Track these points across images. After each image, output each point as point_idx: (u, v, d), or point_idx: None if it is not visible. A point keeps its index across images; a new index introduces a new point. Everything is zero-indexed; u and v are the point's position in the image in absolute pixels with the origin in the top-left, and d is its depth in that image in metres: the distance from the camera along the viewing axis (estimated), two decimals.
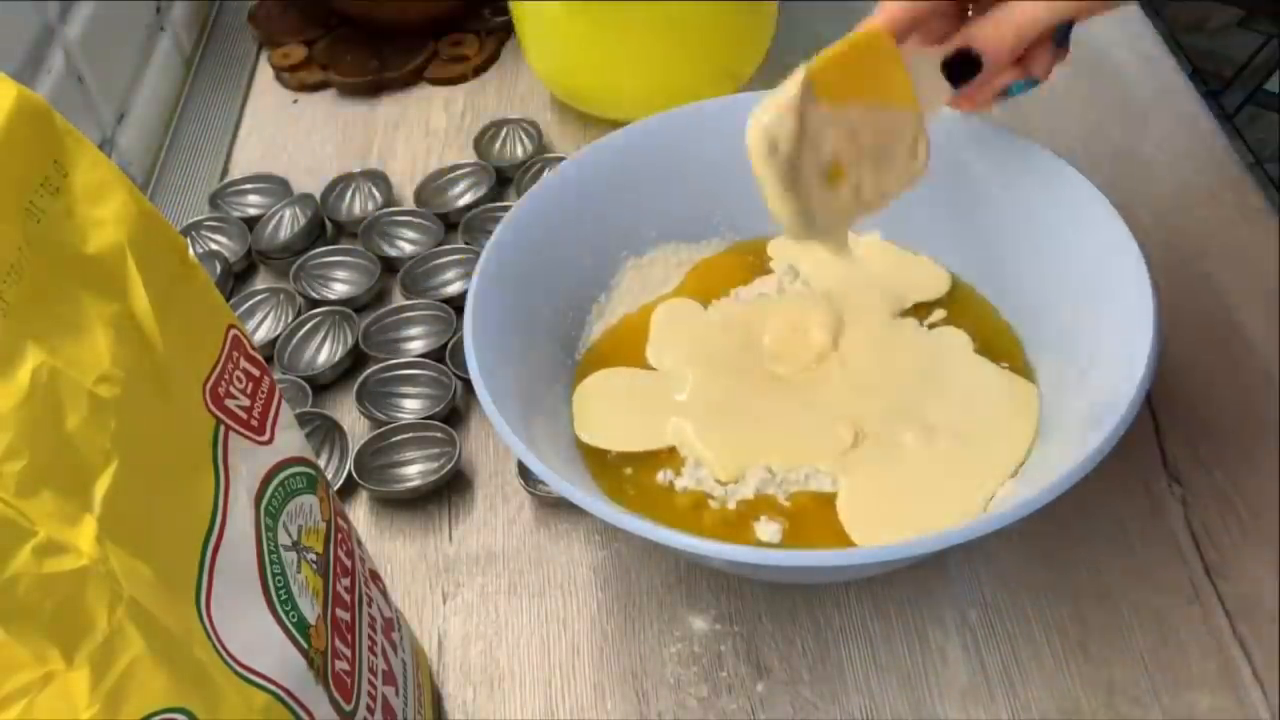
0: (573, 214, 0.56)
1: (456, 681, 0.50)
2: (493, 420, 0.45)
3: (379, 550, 0.55)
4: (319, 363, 0.62)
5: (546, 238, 0.55)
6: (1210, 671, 0.47)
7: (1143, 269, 0.46)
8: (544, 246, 0.54)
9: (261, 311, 0.65)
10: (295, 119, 0.80)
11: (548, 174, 0.57)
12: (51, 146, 0.30)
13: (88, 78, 0.72)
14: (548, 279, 0.54)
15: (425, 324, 0.63)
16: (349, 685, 0.37)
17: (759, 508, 0.49)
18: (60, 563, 0.25)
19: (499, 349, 0.49)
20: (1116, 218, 0.48)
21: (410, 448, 0.57)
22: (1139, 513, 0.52)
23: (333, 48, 0.84)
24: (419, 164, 0.75)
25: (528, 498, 0.55)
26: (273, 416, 0.37)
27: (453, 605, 0.52)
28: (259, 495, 0.34)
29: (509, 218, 0.54)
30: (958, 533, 0.40)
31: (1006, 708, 0.46)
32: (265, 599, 0.33)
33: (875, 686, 0.48)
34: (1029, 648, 0.48)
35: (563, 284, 0.55)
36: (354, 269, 0.67)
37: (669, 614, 0.51)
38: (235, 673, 0.30)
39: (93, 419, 0.27)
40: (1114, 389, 0.44)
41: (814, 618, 0.50)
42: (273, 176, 0.74)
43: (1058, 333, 0.51)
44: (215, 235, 0.70)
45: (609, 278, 0.58)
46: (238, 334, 0.36)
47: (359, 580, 0.41)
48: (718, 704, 0.48)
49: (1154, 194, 0.65)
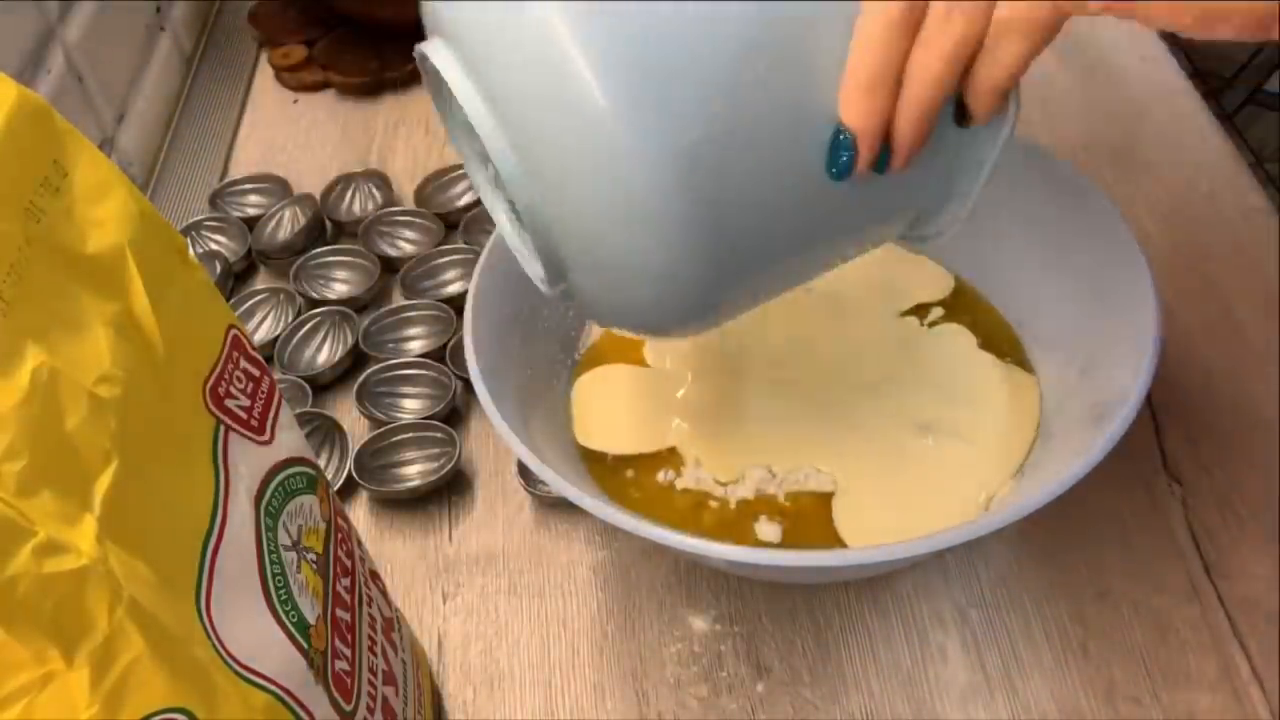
0: None
1: (456, 681, 0.50)
2: (493, 420, 0.45)
3: (379, 550, 0.55)
4: (319, 363, 0.62)
5: None
6: (1210, 671, 0.47)
7: (1143, 269, 0.46)
8: None
9: (261, 311, 0.65)
10: (295, 119, 0.80)
11: None
12: (51, 146, 0.30)
13: (88, 78, 0.72)
14: None
15: (425, 324, 0.63)
16: (349, 685, 0.37)
17: (759, 508, 0.49)
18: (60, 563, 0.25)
19: (499, 349, 0.49)
20: (1117, 218, 0.48)
21: (410, 448, 0.57)
22: (1139, 513, 0.52)
23: (333, 48, 0.84)
24: (419, 164, 0.75)
25: (528, 498, 0.55)
26: (273, 416, 0.37)
27: (453, 605, 0.52)
28: (259, 495, 0.34)
29: None
30: (958, 533, 0.40)
31: (1006, 708, 0.46)
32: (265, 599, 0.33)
33: (875, 686, 0.48)
34: (1029, 648, 0.48)
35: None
36: (354, 269, 0.67)
37: (669, 614, 0.51)
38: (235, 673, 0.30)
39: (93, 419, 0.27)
40: (1114, 389, 0.44)
41: (814, 618, 0.50)
42: (273, 176, 0.74)
43: (1058, 333, 0.51)
44: (215, 235, 0.70)
45: None
46: (238, 334, 0.36)
47: (359, 580, 0.41)
48: (718, 704, 0.48)
49: (1154, 194, 0.65)
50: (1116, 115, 0.70)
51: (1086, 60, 0.74)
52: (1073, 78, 0.73)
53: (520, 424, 0.46)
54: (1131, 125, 0.70)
